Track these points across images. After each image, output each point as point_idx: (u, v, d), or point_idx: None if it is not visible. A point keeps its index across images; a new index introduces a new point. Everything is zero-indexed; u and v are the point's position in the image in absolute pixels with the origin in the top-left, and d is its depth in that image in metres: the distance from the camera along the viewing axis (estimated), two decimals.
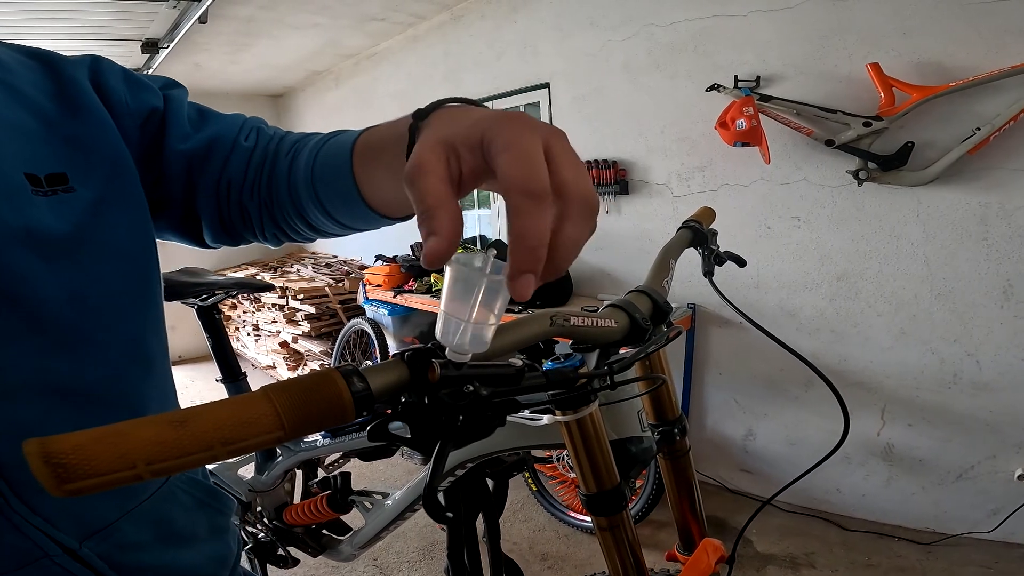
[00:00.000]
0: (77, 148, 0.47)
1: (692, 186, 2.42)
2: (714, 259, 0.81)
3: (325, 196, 0.51)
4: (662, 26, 2.39)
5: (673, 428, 0.75)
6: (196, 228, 0.60)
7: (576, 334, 0.52)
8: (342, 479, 1.16)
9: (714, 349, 2.52)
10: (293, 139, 0.57)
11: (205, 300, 1.29)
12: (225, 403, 0.30)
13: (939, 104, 1.78)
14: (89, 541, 0.47)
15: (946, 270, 1.91)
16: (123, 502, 0.50)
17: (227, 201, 0.57)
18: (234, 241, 0.62)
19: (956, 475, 2.03)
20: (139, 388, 0.51)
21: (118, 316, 0.49)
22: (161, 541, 0.53)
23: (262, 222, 0.58)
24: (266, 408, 0.31)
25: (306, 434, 0.33)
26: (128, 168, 0.50)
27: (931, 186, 1.86)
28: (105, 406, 0.48)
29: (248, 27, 3.35)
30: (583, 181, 0.32)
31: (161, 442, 0.28)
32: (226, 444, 0.29)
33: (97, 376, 0.47)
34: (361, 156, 0.48)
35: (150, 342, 0.53)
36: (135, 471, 0.27)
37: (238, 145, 0.56)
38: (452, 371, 0.37)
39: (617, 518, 0.65)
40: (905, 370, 2.06)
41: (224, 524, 0.63)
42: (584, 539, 2.29)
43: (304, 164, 0.52)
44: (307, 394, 0.32)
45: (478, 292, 0.34)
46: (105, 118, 0.49)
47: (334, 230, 0.56)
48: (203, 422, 0.29)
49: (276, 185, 0.55)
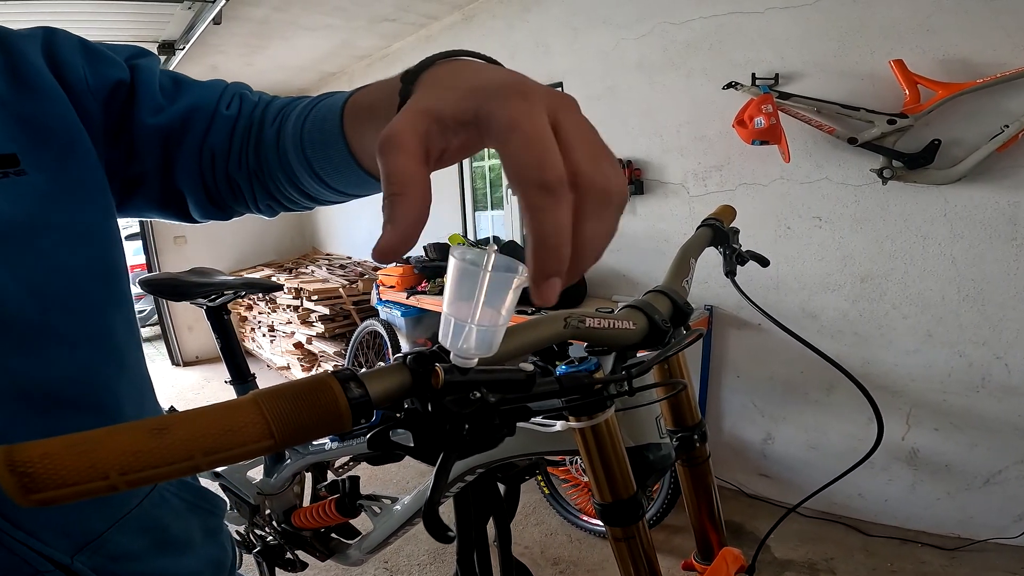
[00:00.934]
0: (28, 127, 0.43)
1: (709, 185, 2.38)
2: (736, 258, 0.78)
3: (316, 161, 0.47)
4: (677, 24, 2.36)
5: (693, 434, 0.72)
6: (180, 204, 0.56)
7: (592, 336, 0.49)
8: (350, 483, 1.14)
9: (732, 351, 2.48)
10: (280, 104, 0.53)
11: (214, 300, 1.28)
12: (209, 409, 0.28)
13: (965, 101, 1.74)
14: (81, 555, 0.44)
15: (974, 271, 1.86)
16: (112, 511, 0.48)
17: (212, 173, 0.53)
18: (225, 215, 0.58)
19: (983, 480, 1.98)
20: (112, 387, 0.48)
21: (84, 308, 0.45)
22: (156, 549, 0.50)
23: (254, 193, 0.54)
24: (254, 416, 0.28)
25: (299, 443, 0.30)
26: (85, 149, 0.46)
27: (958, 185, 1.82)
28: (75, 409, 0.45)
29: (262, 29, 3.36)
30: (600, 165, 0.28)
31: (137, 451, 0.25)
32: (209, 454, 0.27)
33: (65, 376, 0.44)
34: (352, 117, 0.44)
35: (121, 336, 0.49)
36: (108, 481, 0.25)
37: (219, 114, 0.52)
38: (457, 376, 0.34)
39: (633, 528, 0.62)
40: (931, 373, 2.01)
41: (217, 525, 0.60)
42: (597, 543, 2.26)
43: (292, 129, 0.48)
44: (300, 401, 0.30)
45: (481, 291, 0.31)
46: (59, 95, 0.45)
47: (331, 197, 0.52)
48: (184, 430, 0.27)
49: (264, 153, 0.51)
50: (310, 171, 0.48)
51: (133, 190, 0.54)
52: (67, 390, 0.44)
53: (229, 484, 1.40)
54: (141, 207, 0.56)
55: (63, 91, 0.45)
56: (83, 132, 0.46)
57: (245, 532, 1.43)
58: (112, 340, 0.48)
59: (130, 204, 0.55)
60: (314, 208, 0.57)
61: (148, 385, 0.55)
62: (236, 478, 1.40)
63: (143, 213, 0.57)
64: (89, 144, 0.47)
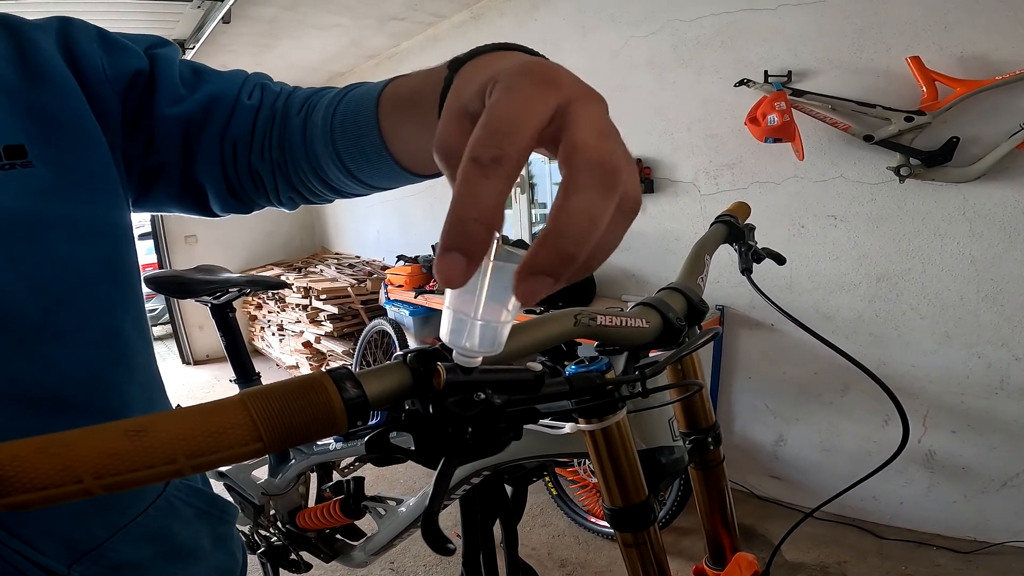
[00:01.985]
0: (38, 119, 0.41)
1: (721, 184, 2.35)
2: (752, 256, 0.75)
3: (346, 153, 0.45)
4: (687, 21, 2.34)
5: (707, 436, 0.69)
6: (200, 197, 0.55)
7: (603, 335, 0.47)
8: (355, 484, 1.12)
9: (743, 352, 2.45)
10: (305, 94, 0.51)
11: (218, 298, 1.27)
12: (194, 410, 0.26)
13: (984, 98, 1.71)
14: (79, 565, 0.42)
15: (993, 270, 1.82)
16: (115, 518, 0.45)
17: (234, 165, 0.52)
18: (246, 208, 0.57)
19: (1000, 483, 1.95)
20: (120, 390, 0.46)
21: (90, 307, 0.43)
22: (162, 559, 0.48)
23: (276, 185, 0.53)
24: (241, 417, 0.26)
25: (291, 446, 0.28)
26: (95, 142, 0.45)
27: (977, 183, 1.78)
28: (79, 413, 0.42)
29: (271, 28, 3.37)
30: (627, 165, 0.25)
31: (113, 454, 0.24)
32: (192, 457, 0.25)
33: (69, 377, 0.42)
34: (388, 109, 0.42)
35: (129, 335, 0.47)
36: (82, 485, 0.23)
37: (241, 104, 0.50)
38: (460, 376, 0.32)
39: (644, 534, 0.60)
40: (949, 375, 1.97)
41: (227, 533, 0.58)
42: (604, 545, 2.24)
43: (322, 120, 0.46)
44: (291, 401, 0.28)
45: (484, 283, 0.29)
46: (71, 87, 0.43)
47: (355, 189, 0.50)
48: (164, 431, 0.25)
49: (290, 144, 0.49)
50: (339, 163, 0.46)
51: (152, 183, 0.52)
52: (71, 392, 0.42)
53: (233, 484, 1.39)
54: (160, 200, 0.55)
55: (76, 82, 0.44)
56: (95, 125, 0.45)
57: (250, 532, 1.42)
58: (120, 340, 0.46)
59: (149, 197, 0.54)
60: (334, 200, 0.55)
61: (159, 387, 0.53)
62: (241, 478, 1.39)
63: (162, 206, 0.56)
64: (101, 137, 0.45)
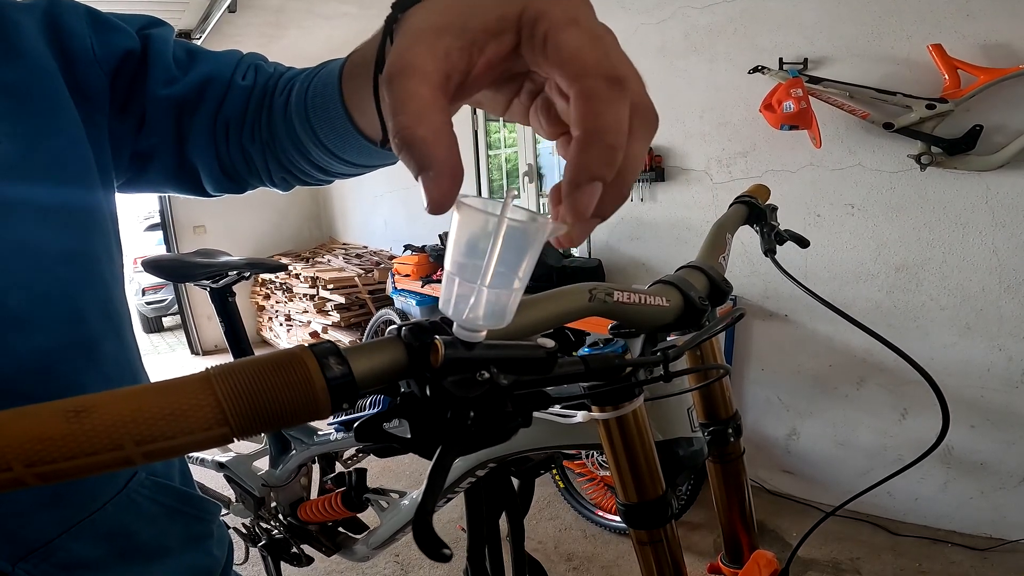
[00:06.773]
0: (10, 97, 0.39)
1: (734, 172, 2.30)
2: (775, 237, 0.71)
3: (320, 129, 0.43)
4: (699, 8, 2.29)
5: (727, 428, 0.65)
6: (194, 178, 0.54)
7: (620, 313, 0.43)
8: (357, 476, 1.09)
9: (756, 343, 2.40)
10: (291, 74, 0.50)
11: (217, 282, 1.24)
12: (149, 388, 0.22)
13: (1008, 87, 1.67)
14: (25, 562, 0.39)
15: (1016, 261, 1.77)
16: (67, 514, 0.42)
17: (226, 145, 0.51)
18: (239, 188, 0.56)
19: (1019, 479, 1.91)
20: (78, 380, 0.42)
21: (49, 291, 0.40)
22: (119, 558, 0.45)
23: (267, 165, 0.52)
24: (204, 397, 0.22)
25: (264, 431, 0.25)
26: (70, 122, 0.43)
27: (1000, 171, 1.74)
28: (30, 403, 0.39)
29: (278, 17, 3.33)
30: (644, 87, 0.27)
31: (47, 438, 0.20)
32: (143, 443, 0.21)
33: (20, 365, 0.38)
34: (349, 78, 0.40)
35: (93, 323, 0.44)
36: (11, 474, 0.20)
37: (235, 84, 0.50)
38: (461, 352, 0.28)
39: (660, 532, 0.56)
40: (969, 368, 1.92)
41: (204, 531, 0.54)
42: (612, 539, 2.21)
43: (297, 97, 0.45)
44: (265, 379, 0.24)
45: (496, 244, 0.25)
46: (47, 66, 0.41)
47: (342, 169, 0.49)
48: (110, 413, 0.21)
49: (274, 123, 0.48)
50: (315, 139, 0.45)
51: (145, 164, 0.51)
52: (22, 382, 0.39)
53: (233, 475, 1.36)
54: (154, 181, 0.54)
55: (57, 63, 0.42)
56: (70, 106, 0.43)
57: (251, 525, 1.39)
58: (82, 328, 0.43)
59: (142, 178, 0.53)
60: (331, 182, 0.55)
61: (131, 381, 0.49)
62: (241, 469, 1.36)
63: (157, 187, 0.55)
64: (76, 119, 0.43)
